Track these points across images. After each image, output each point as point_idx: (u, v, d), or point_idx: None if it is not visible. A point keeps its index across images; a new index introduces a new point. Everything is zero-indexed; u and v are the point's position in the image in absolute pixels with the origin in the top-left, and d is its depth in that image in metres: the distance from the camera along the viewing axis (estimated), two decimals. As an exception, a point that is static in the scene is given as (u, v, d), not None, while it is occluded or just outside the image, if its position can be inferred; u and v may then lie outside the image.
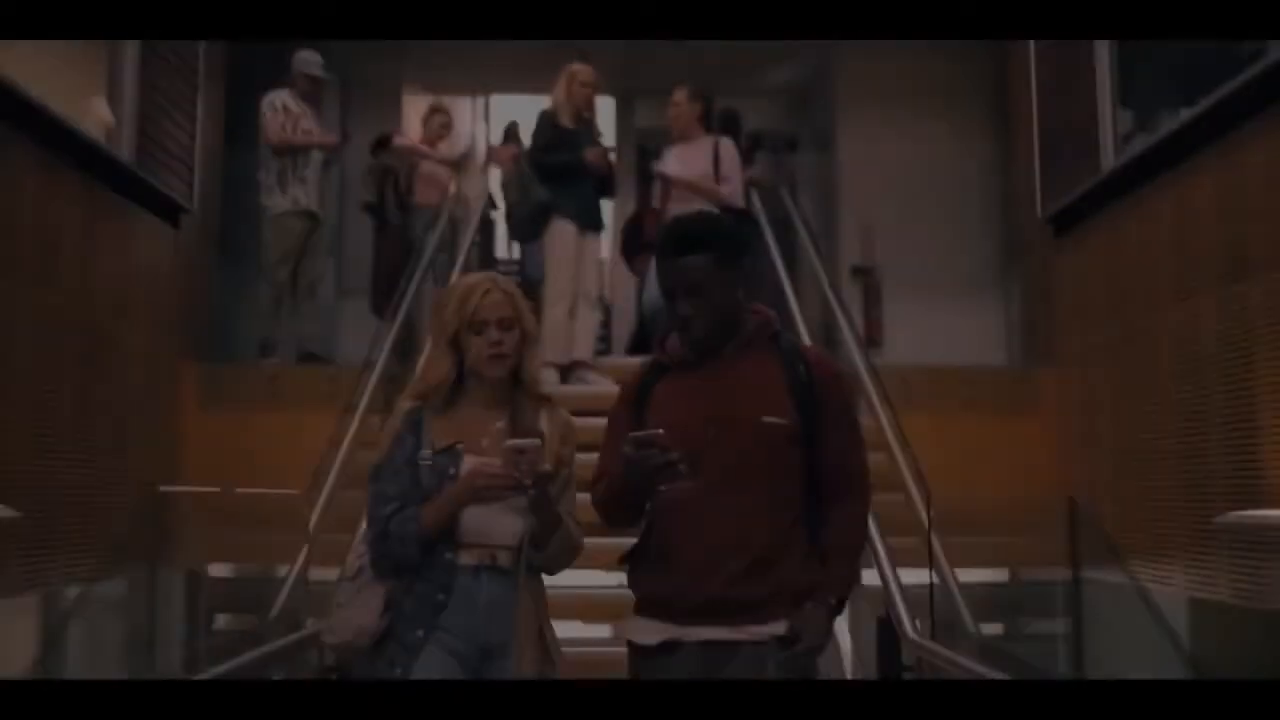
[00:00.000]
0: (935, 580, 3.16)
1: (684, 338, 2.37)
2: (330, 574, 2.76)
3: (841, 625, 3.82)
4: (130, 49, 4.98)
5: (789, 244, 6.32)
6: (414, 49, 7.42)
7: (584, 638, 3.94)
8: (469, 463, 2.34)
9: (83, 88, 4.84)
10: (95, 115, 4.79)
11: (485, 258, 6.56)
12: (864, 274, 7.30)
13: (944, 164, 7.14)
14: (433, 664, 2.28)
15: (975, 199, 7.07)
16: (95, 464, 4.62)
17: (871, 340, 7.31)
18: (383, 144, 6.72)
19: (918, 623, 2.70)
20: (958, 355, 6.28)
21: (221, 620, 4.81)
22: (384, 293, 6.02)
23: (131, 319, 5.03)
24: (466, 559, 2.35)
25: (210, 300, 6.25)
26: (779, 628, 2.20)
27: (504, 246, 8.81)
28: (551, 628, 2.44)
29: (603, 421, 2.48)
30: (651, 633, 2.30)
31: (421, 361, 2.46)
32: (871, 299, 7.32)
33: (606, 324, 7.55)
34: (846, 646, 3.67)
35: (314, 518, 3.50)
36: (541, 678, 2.35)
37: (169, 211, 5.42)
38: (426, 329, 4.53)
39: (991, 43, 6.68)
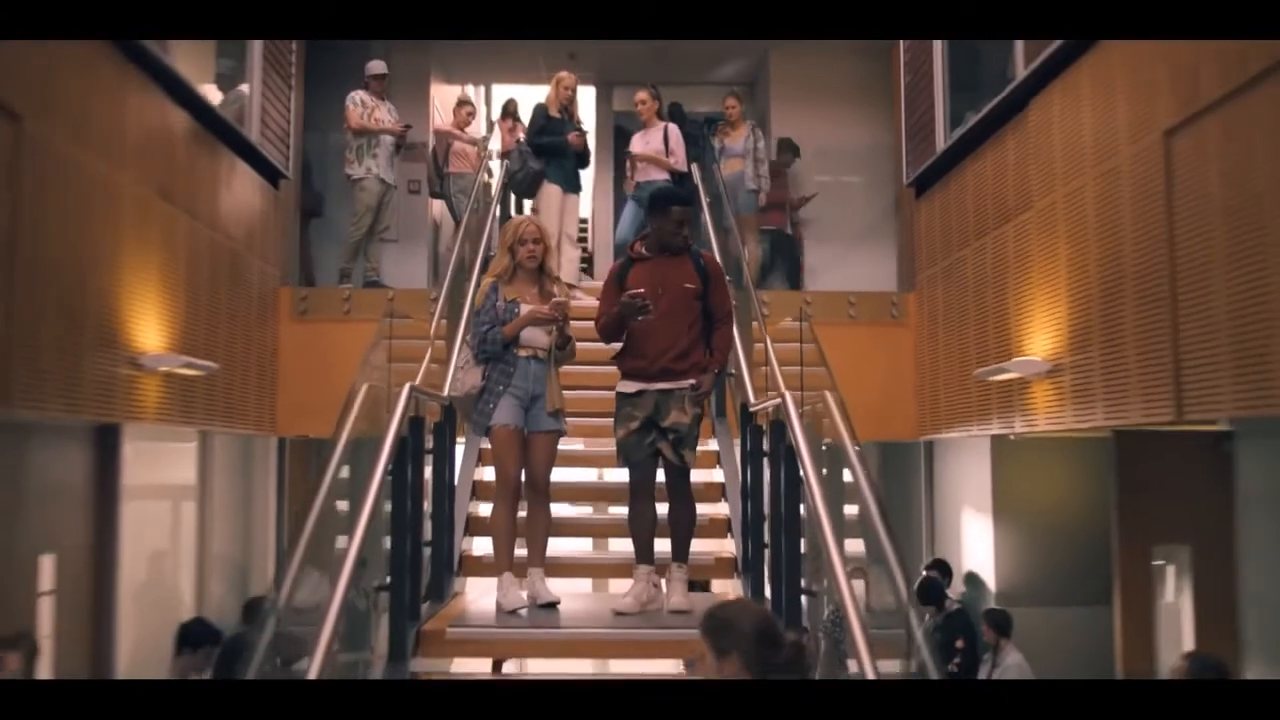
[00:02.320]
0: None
1: (652, 245, 4.59)
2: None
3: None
4: (255, 53, 7.04)
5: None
6: (435, 48, 9.47)
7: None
8: (524, 308, 4.56)
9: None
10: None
11: (504, 213, 8.66)
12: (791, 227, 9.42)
13: (852, 143, 9.36)
14: (507, 403, 4.52)
15: (873, 169, 9.20)
16: (235, 348, 6.74)
17: (792, 280, 9.45)
18: (410, 147, 8.81)
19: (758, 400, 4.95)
20: (862, 286, 8.21)
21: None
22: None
23: (252, 251, 7.12)
24: (524, 353, 4.57)
25: (301, 242, 8.34)
26: (691, 382, 4.49)
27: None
28: (560, 386, 4.63)
29: (587, 322, 4.88)
30: (631, 387, 4.57)
31: (493, 261, 4.78)
32: (796, 247, 9.44)
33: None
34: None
35: (432, 326, 5.97)
36: (560, 409, 4.57)
37: (273, 176, 7.50)
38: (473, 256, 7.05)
39: (886, 50, 8.74)
